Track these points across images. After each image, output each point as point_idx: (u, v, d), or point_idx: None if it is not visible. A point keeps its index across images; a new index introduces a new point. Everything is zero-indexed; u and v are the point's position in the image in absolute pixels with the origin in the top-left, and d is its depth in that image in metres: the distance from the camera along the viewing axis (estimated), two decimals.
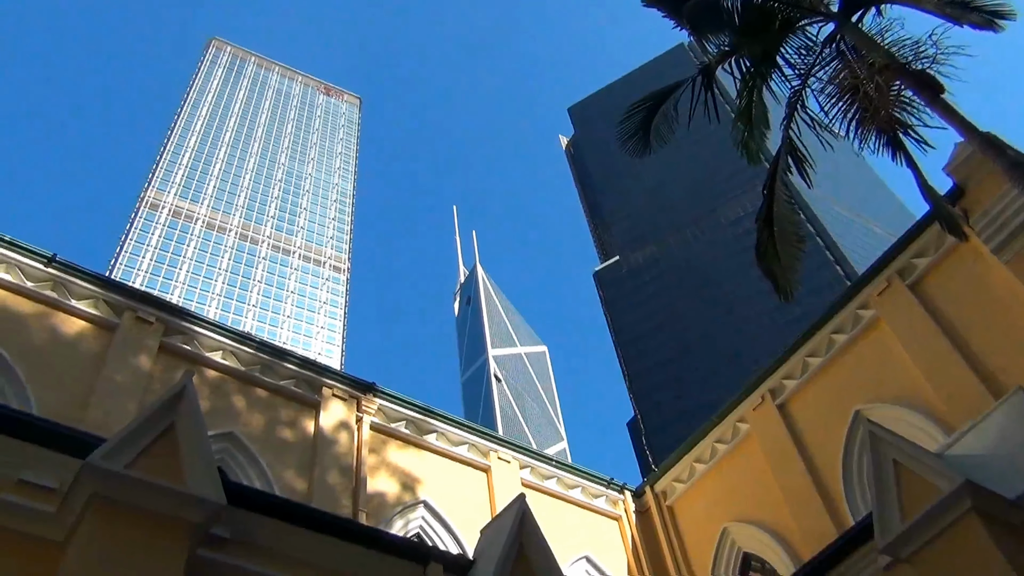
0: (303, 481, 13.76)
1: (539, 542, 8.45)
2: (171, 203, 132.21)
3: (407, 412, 16.14)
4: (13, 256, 13.23)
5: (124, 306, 13.91)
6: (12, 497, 6.39)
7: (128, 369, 13.19)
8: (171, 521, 6.38)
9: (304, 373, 15.40)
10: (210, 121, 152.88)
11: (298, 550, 7.46)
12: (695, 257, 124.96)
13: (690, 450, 17.83)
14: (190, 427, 7.00)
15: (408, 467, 15.53)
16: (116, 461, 6.37)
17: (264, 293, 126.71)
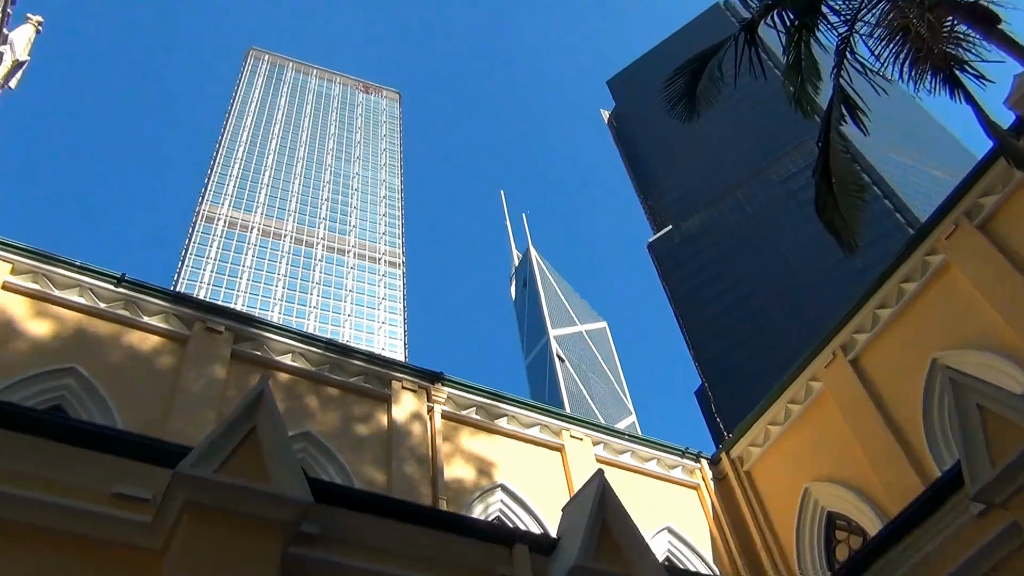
0: (381, 474, 13.98)
1: (622, 516, 8.45)
2: (226, 215, 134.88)
3: (476, 398, 16.26)
4: (85, 279, 13.65)
5: (193, 318, 14.27)
6: (109, 510, 6.61)
7: (203, 379, 13.53)
8: (262, 522, 6.53)
9: (372, 368, 15.63)
10: (255, 130, 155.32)
11: (386, 541, 7.58)
12: (749, 219, 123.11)
13: (763, 413, 17.62)
14: (271, 429, 7.14)
15: (482, 452, 15.66)
16: (204, 468, 6.53)
17: (323, 294, 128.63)
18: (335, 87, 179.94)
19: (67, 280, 13.57)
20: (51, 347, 12.85)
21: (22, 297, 13.15)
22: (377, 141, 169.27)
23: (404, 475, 13.98)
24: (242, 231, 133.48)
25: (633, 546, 8.26)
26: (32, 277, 13.35)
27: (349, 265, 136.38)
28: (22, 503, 6.35)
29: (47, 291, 13.35)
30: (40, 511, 6.39)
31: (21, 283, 13.23)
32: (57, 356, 12.75)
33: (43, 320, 13.10)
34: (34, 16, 33.01)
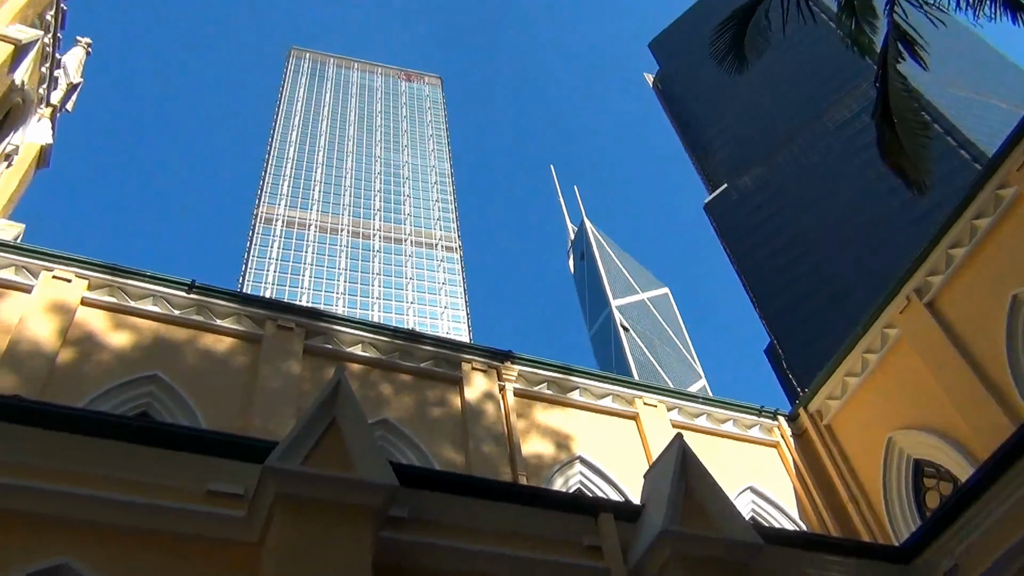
0: (459, 454, 14.13)
1: (705, 478, 8.42)
2: (283, 214, 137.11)
3: (546, 374, 16.30)
4: (157, 289, 14.04)
5: (264, 317, 14.57)
6: (205, 507, 6.85)
7: (279, 375, 13.82)
8: (352, 509, 6.69)
9: (441, 352, 15.77)
10: (304, 128, 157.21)
11: (472, 519, 7.69)
12: (806, 170, 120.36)
13: (839, 365, 17.29)
14: (351, 419, 7.29)
15: (557, 426, 15.71)
16: (292, 461, 6.71)
17: (384, 284, 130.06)
18: (377, 78, 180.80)
19: (141, 291, 13.97)
20: (132, 356, 13.27)
21: (101, 311, 13.59)
22: (423, 128, 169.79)
23: (482, 454, 14.11)
24: (300, 229, 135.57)
25: (718, 508, 8.23)
26: (108, 291, 13.78)
27: (407, 253, 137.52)
28: (122, 507, 6.59)
29: (123, 303, 13.77)
30: (140, 513, 6.63)
31: (98, 297, 13.67)
32: (139, 364, 13.16)
33: (122, 331, 13.53)
34: (83, 38, 33.87)
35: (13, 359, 12.00)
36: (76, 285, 13.50)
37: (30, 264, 13.55)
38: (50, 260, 13.60)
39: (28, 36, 22.73)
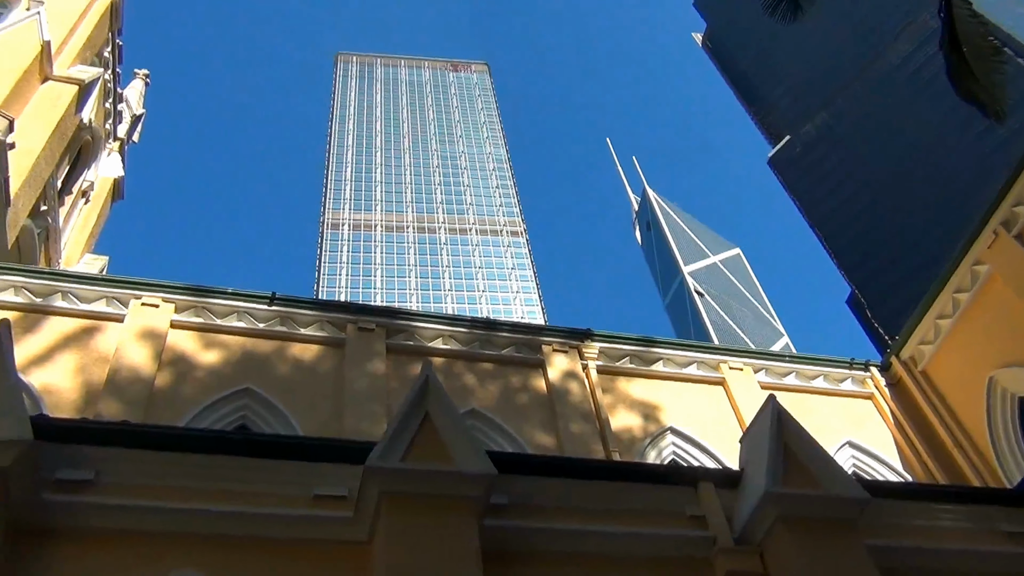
0: (550, 437, 14.20)
1: (803, 437, 8.28)
2: (349, 218, 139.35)
3: (627, 348, 16.23)
4: (240, 304, 14.44)
5: (345, 321, 14.86)
6: (312, 511, 7.03)
7: (365, 376, 14.09)
8: (454, 500, 6.79)
9: (520, 337, 15.85)
10: (359, 131, 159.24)
11: (572, 499, 7.72)
12: (870, 112, 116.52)
13: (929, 308, 16.77)
14: (444, 412, 7.39)
15: (644, 399, 15.64)
16: (391, 458, 6.84)
17: (454, 276, 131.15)
18: (425, 73, 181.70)
19: (225, 308, 14.39)
20: (224, 372, 13.69)
21: (190, 332, 14.05)
22: (475, 116, 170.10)
23: (572, 434, 14.15)
24: (367, 231, 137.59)
25: (820, 465, 8.09)
26: (194, 312, 14.23)
27: (473, 243, 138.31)
28: (233, 517, 6.80)
29: (210, 322, 14.21)
30: (251, 522, 6.84)
31: (186, 319, 14.14)
32: (231, 379, 13.58)
33: (212, 349, 13.96)
34: (140, 70, 34.90)
35: (115, 387, 12.51)
36: (164, 309, 13.98)
37: (119, 294, 14.07)
38: (137, 288, 14.11)
39: (90, 75, 23.54)
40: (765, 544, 7.50)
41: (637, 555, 7.50)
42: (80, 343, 13.30)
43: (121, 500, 6.68)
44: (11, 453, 6.09)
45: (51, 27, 22.59)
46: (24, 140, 19.33)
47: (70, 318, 13.64)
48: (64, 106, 21.69)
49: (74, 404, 12.30)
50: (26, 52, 21.17)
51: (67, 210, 25.35)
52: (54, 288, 13.82)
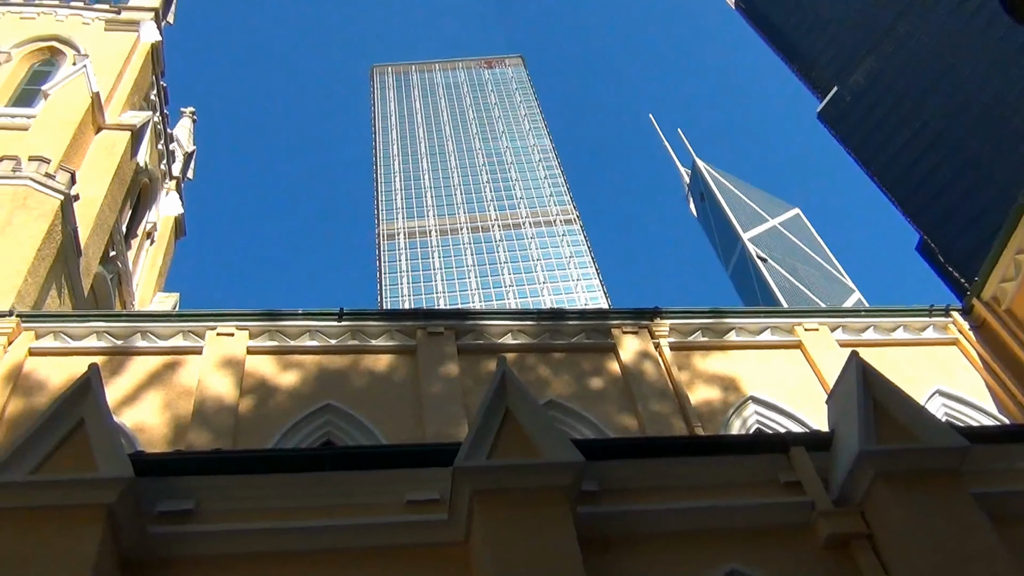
0: (631, 419, 14.12)
1: (891, 390, 8.08)
2: (403, 227, 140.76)
3: (697, 321, 16.03)
4: (311, 323, 14.69)
5: (414, 327, 15.00)
6: (408, 517, 7.12)
7: (440, 379, 14.21)
8: (546, 492, 6.80)
9: (589, 323, 15.79)
10: (403, 141, 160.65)
11: (663, 479, 7.67)
12: (917, 52, 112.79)
13: (1007, 244, 16.15)
14: (524, 406, 7.41)
15: (721, 371, 15.44)
16: (478, 457, 6.89)
17: (513, 271, 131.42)
18: (460, 74, 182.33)
19: (297, 329, 14.66)
20: (304, 391, 13.95)
21: (266, 356, 14.35)
22: (515, 110, 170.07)
23: (652, 414, 14.05)
24: (422, 237, 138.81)
25: (913, 417, 7.89)
26: (268, 336, 14.53)
27: (528, 236, 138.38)
28: (332, 531, 6.94)
29: (284, 344, 14.49)
30: (348, 534, 6.95)
31: (261, 344, 14.44)
32: (311, 398, 13.83)
33: (289, 370, 14.23)
34: (187, 108, 35.79)
35: (202, 418, 12.86)
36: (239, 337, 14.31)
37: (194, 327, 14.45)
38: (211, 319, 14.47)
39: (141, 119, 24.22)
40: (866, 503, 7.35)
41: (735, 527, 7.42)
42: (164, 379, 13.70)
43: (223, 526, 6.87)
44: (115, 490, 6.30)
45: (97, 78, 23.32)
46: (87, 190, 20.00)
47: (152, 356, 14.06)
48: (120, 153, 22.38)
49: (165, 438, 12.69)
50: (78, 106, 21.89)
51: (135, 253, 26.15)
52: (133, 329, 14.26)
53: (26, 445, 6.54)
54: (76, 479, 6.32)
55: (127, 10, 28.43)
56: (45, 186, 17.65)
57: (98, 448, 6.59)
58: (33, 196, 17.31)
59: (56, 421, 6.73)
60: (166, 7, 30.26)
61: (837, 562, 7.22)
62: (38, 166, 18.10)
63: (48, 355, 13.86)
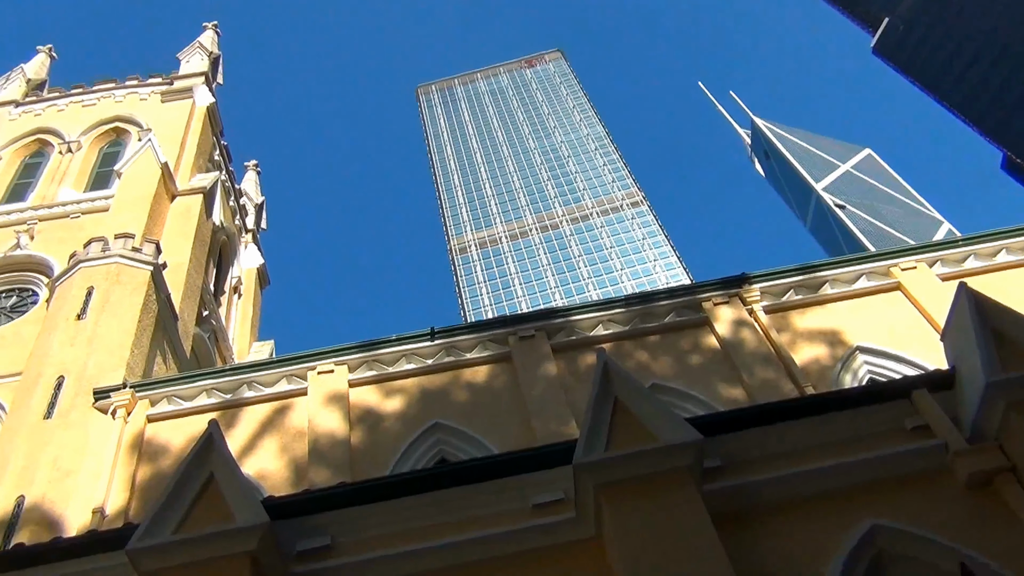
0: (738, 389, 13.89)
1: (1010, 316, 7.74)
2: (473, 239, 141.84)
3: (788, 280, 15.68)
4: (405, 347, 14.94)
5: (504, 335, 15.10)
6: (537, 521, 7.14)
7: (540, 380, 14.25)
8: (669, 475, 6.73)
9: (677, 302, 15.61)
10: (458, 154, 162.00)
11: (785, 444, 7.51)
12: None
13: None
14: (631, 393, 7.36)
15: (822, 326, 15.06)
16: (596, 451, 6.87)
17: (589, 263, 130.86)
18: (503, 78, 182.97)
19: (392, 355, 14.91)
20: (410, 414, 14.18)
21: (368, 386, 14.66)
22: (563, 103, 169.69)
23: (759, 381, 13.79)
24: (493, 245, 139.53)
25: None
26: (367, 366, 14.83)
27: (597, 226, 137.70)
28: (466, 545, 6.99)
29: (383, 371, 14.77)
30: (481, 546, 7.00)
31: (361, 375, 14.75)
32: (419, 419, 14.04)
33: (393, 396, 14.49)
34: (249, 162, 36.86)
35: (318, 455, 13.19)
36: (339, 373, 14.64)
37: (295, 370, 14.85)
38: (310, 360, 14.85)
39: (210, 180, 25.04)
40: (1003, 436, 7.07)
41: (868, 482, 7.21)
42: (276, 424, 14.12)
43: (360, 556, 7.02)
44: (255, 537, 6.51)
45: (163, 148, 24.22)
46: (172, 256, 20.77)
47: (261, 404, 14.51)
48: (196, 216, 23.17)
49: (288, 481, 13.06)
50: (150, 178, 22.75)
51: (225, 309, 27.02)
52: (239, 382, 14.73)
53: (164, 506, 6.81)
54: (217, 532, 6.55)
55: (178, 79, 29.46)
56: (134, 260, 18.38)
57: (232, 499, 6.81)
58: (125, 271, 18.05)
59: (188, 479, 6.99)
60: (214, 69, 31.23)
61: (982, 501, 6.96)
62: (124, 242, 18.87)
63: (165, 419, 14.44)
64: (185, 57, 30.92)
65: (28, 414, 14.78)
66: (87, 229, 21.27)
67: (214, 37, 33.02)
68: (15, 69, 30.85)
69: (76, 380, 15.28)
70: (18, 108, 28.51)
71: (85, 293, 17.42)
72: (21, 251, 21.28)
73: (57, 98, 28.93)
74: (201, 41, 31.98)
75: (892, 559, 6.71)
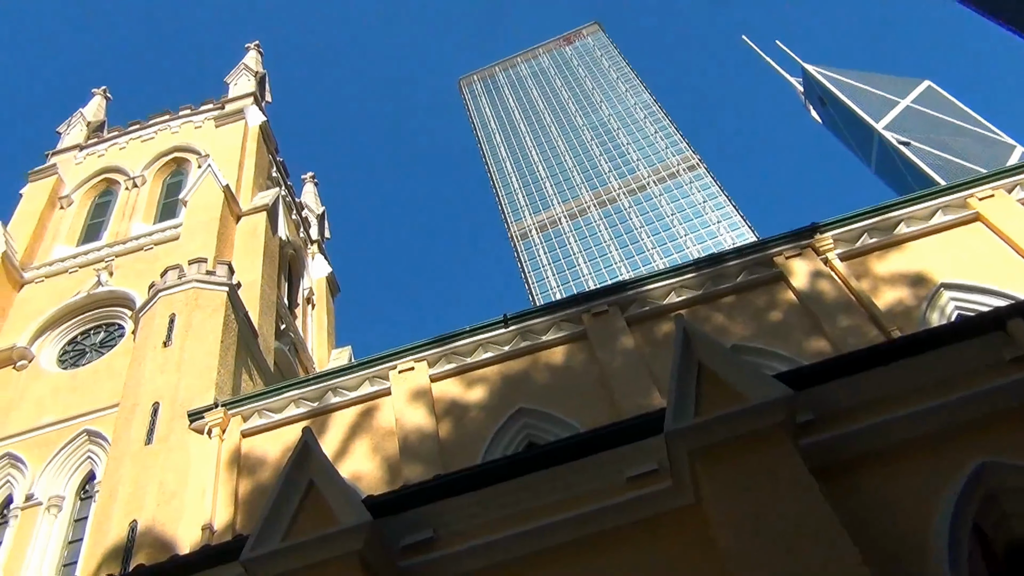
0: (821, 341, 13.62)
1: None
2: (532, 223, 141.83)
3: (861, 225, 15.29)
4: (480, 337, 15.09)
5: (578, 313, 15.09)
6: (634, 493, 7.11)
7: (619, 354, 14.20)
8: (763, 433, 6.62)
9: (748, 260, 15.38)
10: (507, 141, 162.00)
11: (879, 390, 7.33)
12: None
13: None
14: (715, 356, 7.25)
15: (901, 268, 14.66)
16: (685, 417, 6.80)
17: (651, 232, 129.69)
18: (543, 59, 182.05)
19: (469, 346, 15.05)
20: (494, 403, 14.29)
21: (449, 379, 14.85)
22: (607, 76, 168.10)
23: (842, 330, 13.49)
24: (553, 227, 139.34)
25: None
26: (445, 360, 15.01)
27: (656, 194, 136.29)
28: (566, 525, 7.03)
29: (462, 363, 14.93)
30: (583, 524, 7.01)
31: (441, 369, 14.94)
32: (502, 406, 14.15)
33: (474, 386, 14.63)
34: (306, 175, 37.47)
35: (409, 452, 13.41)
36: (419, 369, 14.84)
37: (376, 371, 15.11)
38: (390, 360, 15.09)
39: (271, 197, 25.56)
40: None
41: (971, 420, 6.99)
42: (364, 426, 14.40)
43: (464, 545, 7.11)
44: (361, 537, 6.66)
45: (223, 171, 24.85)
46: (244, 276, 21.29)
47: (347, 408, 14.82)
48: (262, 233, 23.70)
49: (383, 480, 13.31)
50: (214, 203, 23.36)
51: (301, 320, 27.60)
52: (324, 389, 15.06)
53: (271, 515, 7.01)
54: (324, 535, 6.71)
55: (229, 102, 30.13)
56: (209, 283, 18.92)
57: (334, 502, 6.98)
58: (202, 295, 18.59)
59: (290, 487, 7.18)
60: (261, 88, 31.83)
61: None
62: (198, 267, 19.43)
63: (258, 432, 14.85)
64: (233, 80, 31.60)
65: (130, 442, 15.36)
66: (161, 259, 21.96)
67: (257, 57, 33.65)
68: (74, 115, 31.97)
69: (170, 405, 15.82)
70: (82, 151, 29.55)
71: (168, 320, 18.00)
72: (103, 288, 22.08)
73: (117, 137, 29.90)
74: (246, 62, 32.62)
75: (1005, 495, 6.51)
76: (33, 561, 15.62)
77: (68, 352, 20.95)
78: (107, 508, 14.26)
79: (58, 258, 24.20)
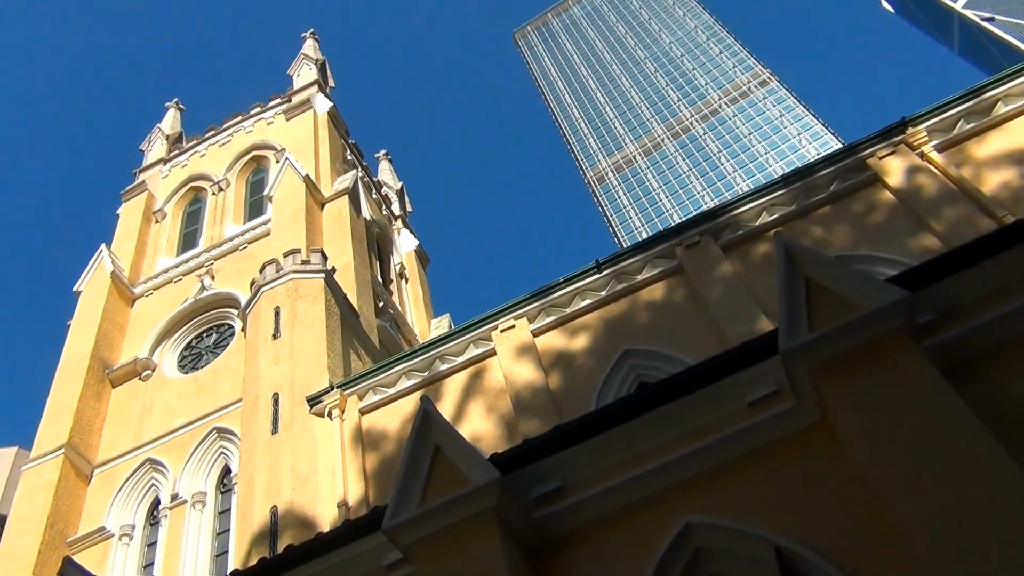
0: (929, 238, 13.12)
1: None
2: (607, 165, 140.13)
3: (955, 111, 14.55)
4: (576, 285, 15.17)
5: (671, 248, 14.93)
6: (757, 417, 7.00)
7: (718, 282, 13.99)
8: (884, 339, 6.38)
9: (839, 167, 14.87)
10: (570, 86, 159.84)
11: (998, 279, 6.97)
12: None
13: None
14: (821, 268, 7.04)
15: (1004, 149, 13.91)
16: (799, 334, 6.64)
17: (730, 155, 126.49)
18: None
19: (566, 296, 15.10)
20: (599, 348, 14.33)
21: (552, 331, 14.94)
22: (661, 2, 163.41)
23: (950, 223, 12.95)
24: (629, 166, 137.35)
25: None
26: (544, 313, 15.11)
27: (729, 116, 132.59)
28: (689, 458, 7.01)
29: (561, 313, 14.99)
30: (710, 456, 6.99)
31: (541, 323, 15.05)
32: (609, 351, 14.19)
33: (578, 335, 14.69)
34: (379, 152, 37.90)
35: (523, 407, 13.60)
36: (520, 326, 14.97)
37: (479, 334, 15.33)
38: (490, 321, 15.27)
39: (350, 179, 25.99)
40: None
41: None
42: (476, 388, 14.65)
43: (592, 490, 7.18)
44: (494, 493, 6.82)
45: (300, 161, 25.36)
46: (337, 260, 21.79)
47: (457, 373, 15.10)
48: (347, 217, 24.16)
49: (502, 437, 13.55)
50: (297, 194, 23.89)
51: (397, 296, 28.12)
52: (431, 358, 15.37)
53: (404, 484, 7.23)
54: (458, 496, 6.90)
55: (295, 94, 30.62)
56: (306, 272, 19.45)
57: (462, 464, 7.15)
58: (302, 284, 19.14)
59: (417, 455, 7.38)
60: (323, 75, 32.20)
61: None
62: (293, 258, 19.98)
63: (376, 408, 15.30)
64: (295, 71, 32.06)
65: (258, 434, 16.05)
66: (257, 256, 22.67)
67: (315, 45, 34.00)
68: (153, 131, 33.07)
69: (289, 393, 16.44)
70: (166, 165, 30.60)
71: (273, 314, 18.63)
72: (208, 292, 22.98)
73: (196, 145, 30.83)
74: (305, 52, 33.02)
75: None
76: (188, 554, 16.60)
77: (186, 357, 21.95)
78: (248, 497, 14.99)
79: (162, 270, 25.26)
